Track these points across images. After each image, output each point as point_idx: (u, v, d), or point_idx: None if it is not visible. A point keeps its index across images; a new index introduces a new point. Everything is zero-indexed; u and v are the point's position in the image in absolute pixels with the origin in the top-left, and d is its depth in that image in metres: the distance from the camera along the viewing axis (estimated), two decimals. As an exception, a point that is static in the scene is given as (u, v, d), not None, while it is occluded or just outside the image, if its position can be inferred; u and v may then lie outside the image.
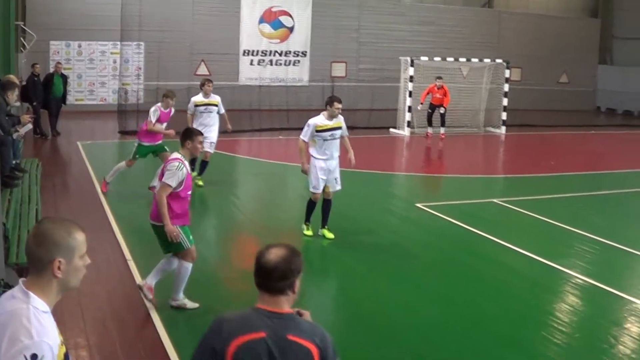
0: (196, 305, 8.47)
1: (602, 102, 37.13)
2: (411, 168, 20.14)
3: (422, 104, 24.16)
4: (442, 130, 24.40)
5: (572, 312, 9.30)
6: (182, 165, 8.14)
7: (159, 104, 13.98)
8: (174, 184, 8.07)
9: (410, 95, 24.45)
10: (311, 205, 11.76)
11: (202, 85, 15.02)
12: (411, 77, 24.44)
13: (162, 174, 8.18)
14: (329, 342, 3.64)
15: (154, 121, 13.72)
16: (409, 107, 24.56)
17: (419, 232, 12.79)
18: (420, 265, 10.89)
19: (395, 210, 14.37)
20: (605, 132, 29.20)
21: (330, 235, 11.75)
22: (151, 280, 8.46)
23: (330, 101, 11.32)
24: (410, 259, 11.14)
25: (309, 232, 11.81)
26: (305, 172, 11.48)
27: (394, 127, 25.16)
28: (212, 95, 14.96)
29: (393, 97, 26.35)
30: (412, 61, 24.45)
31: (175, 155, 8.32)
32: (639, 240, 12.72)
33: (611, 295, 9.86)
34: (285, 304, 3.65)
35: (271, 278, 3.60)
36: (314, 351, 3.56)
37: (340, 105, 11.26)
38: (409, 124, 24.73)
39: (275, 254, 3.63)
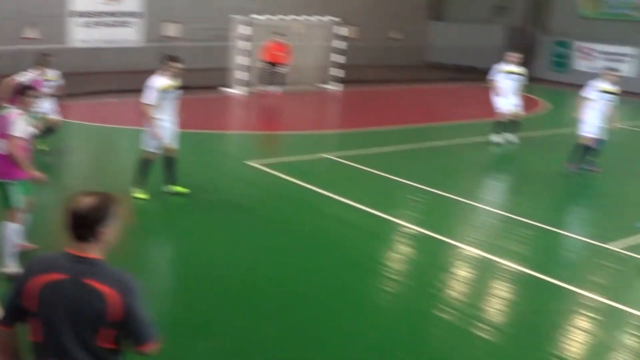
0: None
1: (432, 57, 38.41)
2: (244, 127, 19.99)
3: (261, 61, 23.95)
4: (277, 88, 24.36)
5: (402, 260, 9.74)
6: (21, 118, 8.03)
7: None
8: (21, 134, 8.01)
9: (244, 54, 24.25)
10: (146, 166, 11.47)
11: (40, 62, 13.70)
12: (245, 35, 24.22)
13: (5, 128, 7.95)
14: (132, 288, 3.71)
15: None
16: (243, 66, 24.35)
17: (253, 191, 12.73)
18: (256, 223, 10.89)
19: (228, 170, 14.25)
20: (435, 86, 30.33)
21: (185, 190, 11.73)
22: None
23: (170, 60, 11.18)
24: (246, 217, 11.13)
25: (143, 195, 11.46)
26: (154, 135, 11.15)
27: (228, 87, 24.95)
28: (50, 70, 13.92)
29: (228, 56, 26.05)
30: (246, 20, 24.21)
31: (11, 111, 8.09)
32: (465, 188, 13.43)
33: (439, 242, 10.36)
34: (92, 250, 3.71)
35: (79, 224, 3.67)
36: (111, 295, 3.61)
37: (180, 65, 11.19)
38: (243, 83, 24.56)
39: (85, 201, 3.68)
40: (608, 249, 10.38)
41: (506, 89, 17.26)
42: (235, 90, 24.38)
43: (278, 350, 6.96)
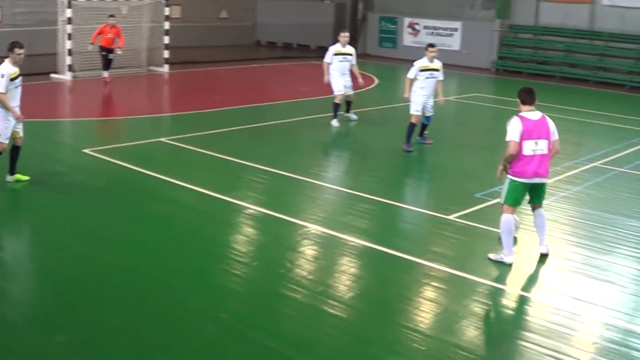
0: None
1: (262, 36, 38.47)
2: (75, 113, 19.25)
3: (92, 44, 22.85)
4: (108, 73, 23.34)
5: (249, 242, 9.72)
6: None
7: None
8: None
9: (69, 38, 23.25)
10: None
11: None
12: (69, 19, 23.24)
13: None
14: None
15: None
16: (69, 51, 23.37)
17: (92, 179, 12.36)
18: (98, 212, 10.63)
19: (65, 159, 13.76)
20: (267, 65, 30.38)
21: (26, 177, 11.65)
22: None
23: (16, 47, 11.06)
24: (88, 206, 10.86)
25: None
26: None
27: (55, 72, 23.89)
28: None
29: (55, 41, 24.85)
30: (69, 2, 23.21)
31: None
32: (303, 166, 13.57)
33: (284, 222, 10.40)
34: None
35: None
36: None
37: (22, 51, 11.08)
38: (70, 68, 23.59)
39: None
40: (448, 219, 10.75)
41: (338, 71, 17.45)
42: (64, 76, 23.41)
43: (130, 339, 6.84)
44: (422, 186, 13.49)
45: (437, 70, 14.98)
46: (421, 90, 14.92)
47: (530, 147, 8.94)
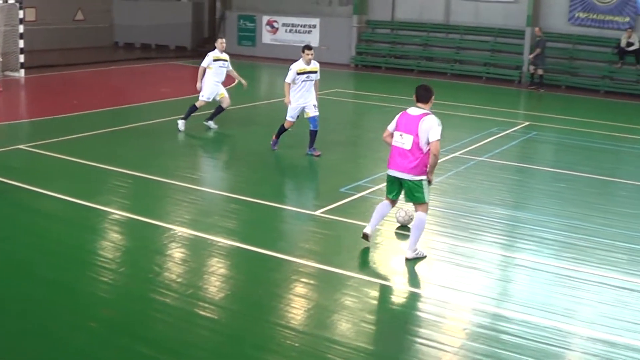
0: None
1: (120, 37, 37.71)
2: None
3: None
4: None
5: (115, 248, 9.54)
6: None
7: None
8: None
9: None
10: None
11: None
12: None
13: None
14: None
15: None
16: None
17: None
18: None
19: None
20: (125, 67, 29.81)
21: None
22: None
23: None
24: None
25: None
26: None
27: None
28: None
29: None
30: None
31: None
32: (167, 168, 13.44)
33: (150, 226, 10.28)
34: None
35: None
36: None
37: None
38: None
39: None
40: (315, 215, 10.90)
41: (216, 77, 16.89)
42: None
43: (-7, 357, 6.61)
44: (287, 183, 13.60)
45: (314, 72, 14.46)
46: (299, 94, 14.38)
47: (395, 139, 9.22)
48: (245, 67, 30.82)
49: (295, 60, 14.45)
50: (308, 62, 14.34)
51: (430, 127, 9.02)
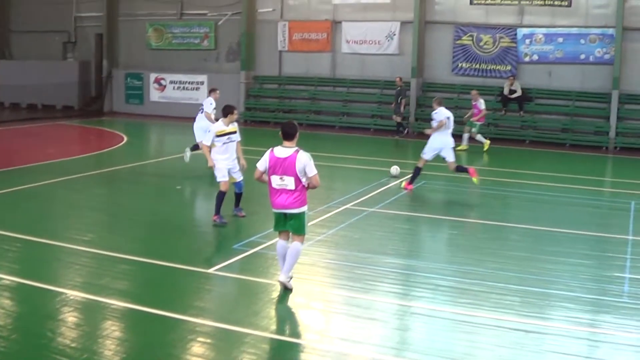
0: None
1: (5, 97, 36.75)
2: None
3: None
4: None
5: (5, 315, 9.11)
6: None
7: None
8: None
9: None
10: None
11: None
12: None
13: None
14: None
15: None
16: None
17: None
18: None
19: None
20: (11, 128, 29.12)
21: None
22: None
23: None
24: None
25: None
26: None
27: None
28: None
29: None
30: None
31: None
32: (57, 230, 13.14)
33: (40, 290, 9.95)
34: None
35: None
36: None
37: None
38: None
39: None
40: (209, 273, 10.79)
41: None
42: None
43: None
44: (179, 242, 13.30)
45: (234, 132, 13.87)
46: (222, 156, 13.68)
47: (275, 182, 9.66)
48: (134, 126, 30.67)
49: (191, 118, 14.33)
50: (228, 124, 13.74)
51: (306, 164, 9.59)
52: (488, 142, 24.83)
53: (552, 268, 11.37)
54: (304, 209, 9.75)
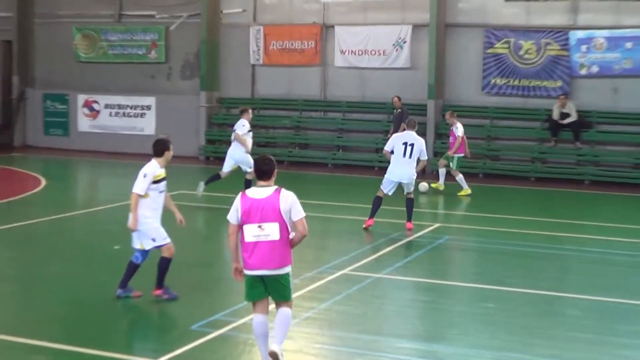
0: None
1: None
2: None
3: None
4: None
5: None
6: None
7: None
8: None
9: None
10: None
11: None
12: None
13: None
14: None
15: None
16: None
17: None
18: None
19: None
20: None
21: None
22: None
23: None
24: None
25: None
26: None
27: None
28: None
29: None
30: None
31: None
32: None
33: None
34: None
35: None
36: None
37: None
38: None
39: None
40: None
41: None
42: None
43: None
44: (117, 321, 13.01)
45: (164, 179, 13.24)
46: (153, 213, 13.00)
47: (251, 233, 9.51)
48: (56, 165, 30.56)
49: (133, 154, 14.03)
50: (163, 165, 13.16)
51: (292, 203, 9.61)
52: (468, 190, 24.51)
53: (630, 355, 11.15)
54: (290, 268, 9.74)
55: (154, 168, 12.98)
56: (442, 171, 25.10)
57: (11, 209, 21.67)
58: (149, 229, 13.00)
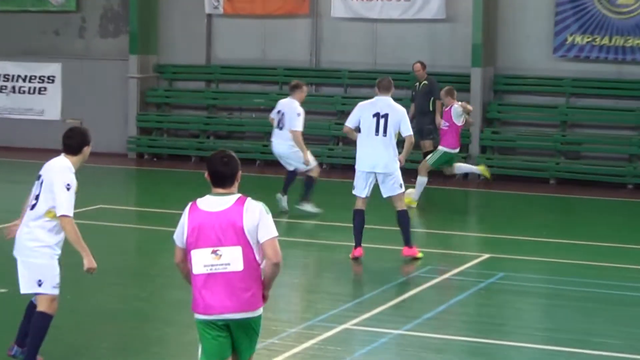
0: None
1: None
2: None
3: None
4: None
5: None
6: None
7: None
8: None
9: None
10: None
11: None
12: None
13: None
14: None
15: None
16: None
17: None
18: None
19: None
20: None
21: None
22: None
23: None
24: None
25: None
26: None
27: None
28: None
29: None
30: None
31: None
32: None
33: None
34: None
35: None
36: None
37: None
38: None
39: None
40: None
41: None
42: None
43: None
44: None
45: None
46: (56, 238, 12.75)
47: (203, 261, 9.52)
48: None
49: (32, 150, 14.18)
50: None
51: (260, 218, 9.56)
52: (415, 202, 24.94)
53: None
54: (260, 311, 9.76)
55: (71, 173, 12.67)
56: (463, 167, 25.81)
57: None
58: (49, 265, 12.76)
